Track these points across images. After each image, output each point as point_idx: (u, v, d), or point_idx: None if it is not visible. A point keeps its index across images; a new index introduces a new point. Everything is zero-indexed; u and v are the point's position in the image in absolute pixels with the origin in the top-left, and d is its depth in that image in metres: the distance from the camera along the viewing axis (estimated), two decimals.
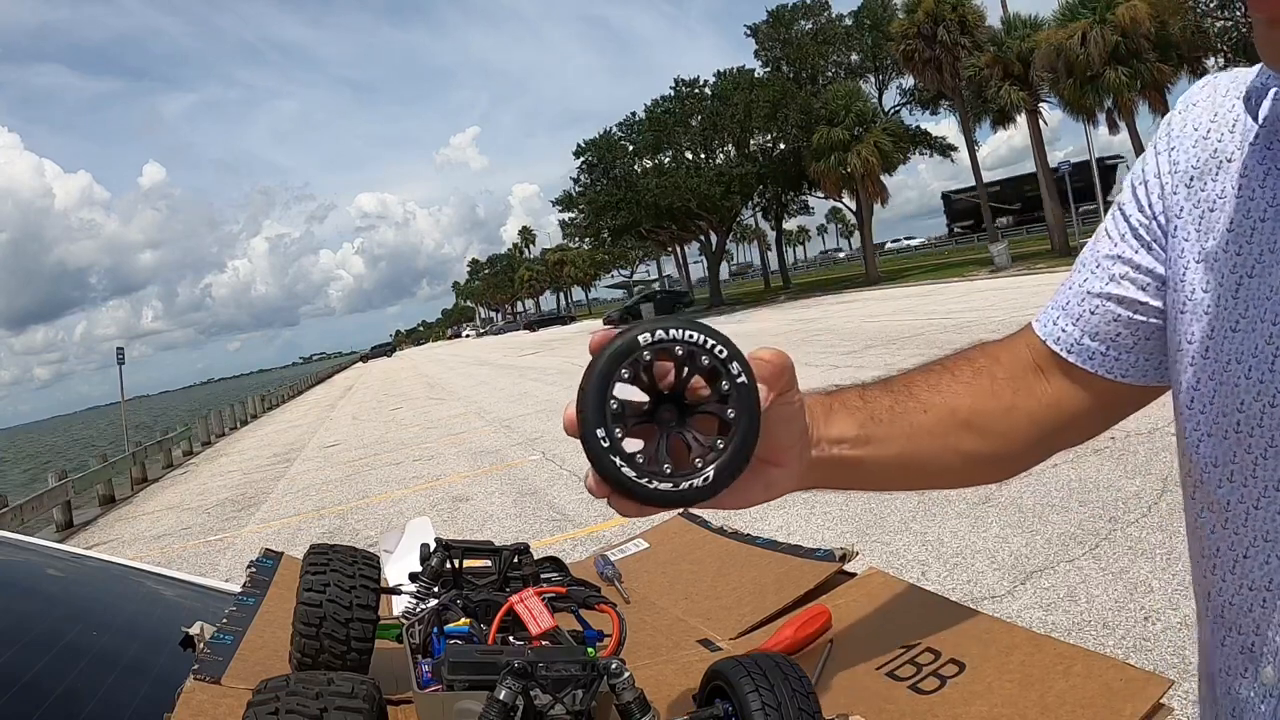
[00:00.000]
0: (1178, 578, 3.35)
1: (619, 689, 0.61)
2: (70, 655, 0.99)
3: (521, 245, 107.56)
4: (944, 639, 0.72)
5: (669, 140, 35.97)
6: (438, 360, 46.36)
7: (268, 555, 1.06)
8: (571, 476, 7.52)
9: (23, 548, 1.43)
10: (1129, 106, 23.83)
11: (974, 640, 0.71)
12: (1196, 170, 0.59)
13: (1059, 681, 0.62)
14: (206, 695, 0.68)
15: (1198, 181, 0.59)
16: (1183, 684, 2.63)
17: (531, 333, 61.76)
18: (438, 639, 0.75)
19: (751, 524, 1.23)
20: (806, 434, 0.60)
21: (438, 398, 20.02)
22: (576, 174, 38.43)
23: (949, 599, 0.82)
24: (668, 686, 0.75)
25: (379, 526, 7.13)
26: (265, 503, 9.91)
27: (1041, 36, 24.59)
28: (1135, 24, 21.68)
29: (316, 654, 0.70)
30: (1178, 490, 0.87)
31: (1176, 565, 3.46)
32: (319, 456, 13.40)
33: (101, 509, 13.06)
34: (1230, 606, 0.56)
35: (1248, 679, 0.54)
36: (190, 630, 0.94)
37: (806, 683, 0.62)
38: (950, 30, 27.12)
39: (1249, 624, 0.54)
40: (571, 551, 5.08)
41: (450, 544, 0.89)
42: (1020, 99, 26.59)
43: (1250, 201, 0.55)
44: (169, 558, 7.70)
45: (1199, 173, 0.59)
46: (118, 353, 18.64)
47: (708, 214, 36.60)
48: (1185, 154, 0.60)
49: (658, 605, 0.99)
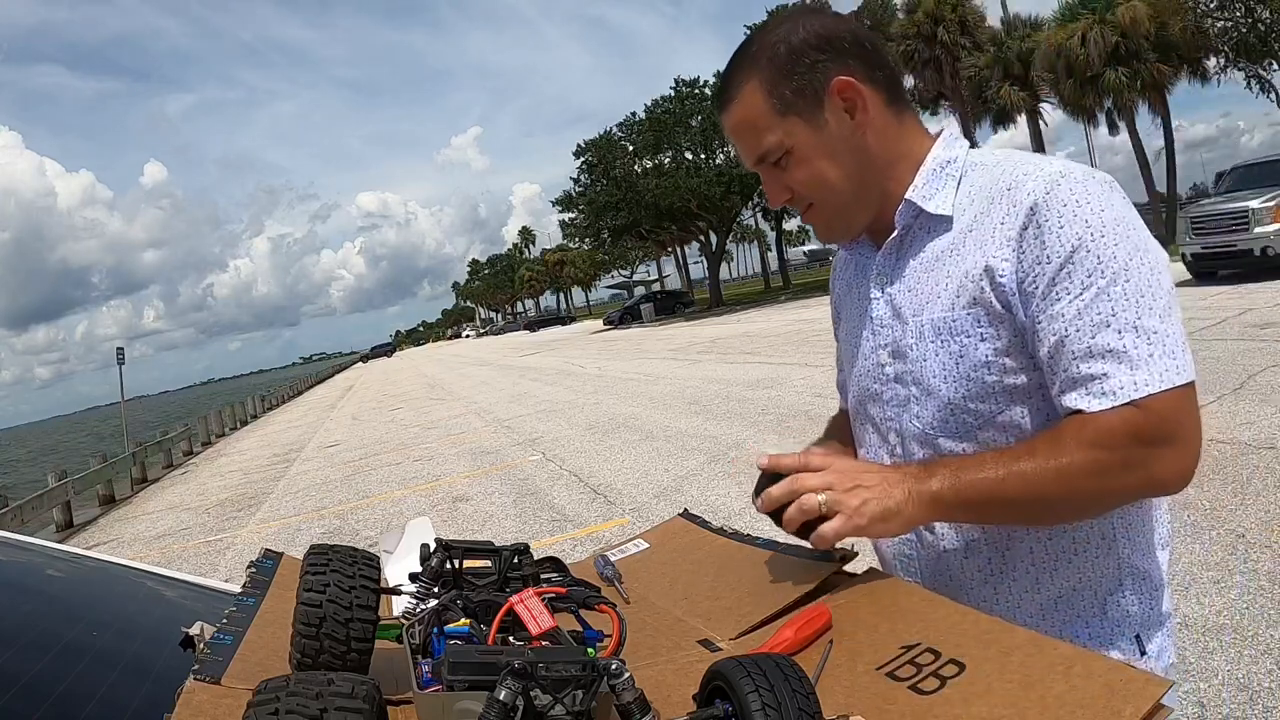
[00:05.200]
0: (1178, 578, 3.36)
1: (619, 689, 0.61)
2: (70, 655, 0.99)
3: (521, 245, 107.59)
4: (944, 639, 0.72)
5: (669, 140, 35.98)
6: (438, 360, 46.39)
7: (268, 555, 1.06)
8: (572, 477, 7.52)
9: (23, 548, 1.43)
10: (1129, 107, 23.86)
11: (974, 640, 0.71)
12: (836, 283, 1.21)
13: (1059, 682, 0.62)
14: (206, 695, 0.68)
15: (837, 289, 1.21)
16: (1183, 684, 2.64)
17: (531, 333, 61.74)
18: (438, 639, 0.75)
19: (751, 524, 1.23)
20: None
21: (438, 398, 20.03)
22: (576, 174, 38.46)
23: (949, 599, 0.82)
24: (668, 686, 0.75)
25: (379, 527, 7.13)
26: (265, 503, 9.91)
27: (1041, 37, 24.62)
28: (1135, 24, 21.70)
29: (316, 654, 0.70)
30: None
31: (1177, 565, 3.46)
32: (319, 457, 13.41)
33: (101, 509, 13.06)
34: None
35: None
36: (190, 630, 0.94)
37: (806, 683, 0.62)
38: (950, 31, 27.14)
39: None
40: (571, 551, 5.08)
41: (450, 544, 0.89)
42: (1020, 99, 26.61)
43: (844, 287, 1.17)
44: (169, 558, 7.70)
45: (837, 283, 1.21)
46: (118, 353, 18.64)
47: (708, 214, 36.62)
48: (836, 273, 1.22)
49: (658, 605, 0.99)
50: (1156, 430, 0.85)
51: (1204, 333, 8.51)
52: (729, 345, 17.89)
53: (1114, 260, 0.86)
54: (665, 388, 12.70)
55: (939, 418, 0.99)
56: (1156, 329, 0.85)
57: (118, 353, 18.66)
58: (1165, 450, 0.86)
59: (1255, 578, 3.26)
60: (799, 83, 0.97)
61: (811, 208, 1.03)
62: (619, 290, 67.82)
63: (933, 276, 0.98)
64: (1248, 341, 7.76)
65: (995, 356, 0.94)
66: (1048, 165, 0.93)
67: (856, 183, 1.00)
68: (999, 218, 0.93)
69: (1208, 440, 5.61)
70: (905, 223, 1.01)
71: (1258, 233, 11.59)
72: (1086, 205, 0.88)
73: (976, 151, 1.02)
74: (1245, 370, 6.60)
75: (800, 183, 1.00)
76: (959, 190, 0.99)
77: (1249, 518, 3.81)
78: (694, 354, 17.53)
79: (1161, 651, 1.00)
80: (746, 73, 0.99)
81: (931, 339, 0.98)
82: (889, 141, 1.01)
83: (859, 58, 0.98)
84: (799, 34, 0.98)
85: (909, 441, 1.02)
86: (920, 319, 0.99)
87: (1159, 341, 0.85)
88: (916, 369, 1.00)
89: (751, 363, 13.52)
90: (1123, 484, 0.88)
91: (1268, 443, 4.78)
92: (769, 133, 0.98)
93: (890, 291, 1.03)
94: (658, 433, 8.92)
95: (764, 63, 0.98)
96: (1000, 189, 0.94)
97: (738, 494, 5.52)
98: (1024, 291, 0.91)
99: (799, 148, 0.98)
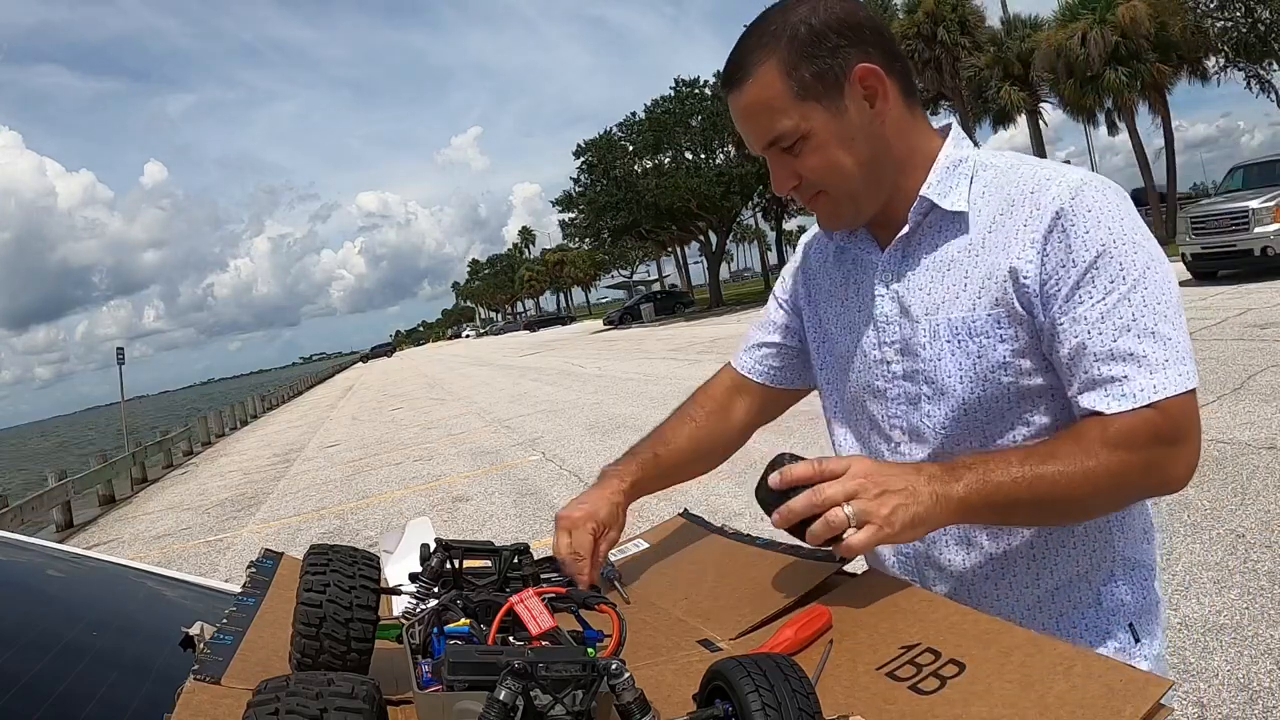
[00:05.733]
0: (1178, 578, 3.36)
1: (619, 689, 0.61)
2: (70, 655, 0.99)
3: (521, 245, 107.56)
4: (944, 639, 0.72)
5: (669, 140, 35.96)
6: (438, 361, 46.38)
7: (268, 555, 1.06)
8: (571, 477, 7.52)
9: (23, 548, 1.43)
10: (1129, 107, 23.84)
11: (974, 640, 0.71)
12: (811, 270, 1.19)
13: (1059, 682, 0.62)
14: (206, 695, 0.68)
15: (811, 276, 1.19)
16: (1183, 684, 2.63)
17: (531, 333, 61.71)
18: (438, 639, 0.75)
19: (752, 524, 1.23)
20: (618, 510, 1.12)
21: (437, 398, 20.03)
22: (576, 174, 38.45)
23: (949, 599, 0.82)
24: (668, 687, 0.75)
25: (379, 527, 7.13)
26: (265, 503, 9.91)
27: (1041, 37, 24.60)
28: (1135, 24, 21.67)
29: (316, 654, 0.70)
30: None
31: (1177, 565, 3.46)
32: (319, 457, 13.41)
33: (101, 509, 13.06)
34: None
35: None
36: (190, 630, 0.94)
37: (806, 683, 0.62)
38: (950, 30, 27.12)
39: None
40: None
41: (450, 544, 0.89)
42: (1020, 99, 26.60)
43: (828, 279, 1.15)
44: (169, 558, 7.70)
45: (812, 271, 1.19)
46: (118, 353, 18.63)
47: (708, 214, 36.60)
48: (810, 260, 1.20)
49: (658, 605, 0.99)
50: (1173, 431, 0.88)
51: (1204, 333, 8.51)
52: (729, 345, 17.84)
53: (1134, 267, 0.88)
54: (665, 388, 12.69)
55: (952, 417, 0.99)
56: (1171, 336, 0.88)
57: (118, 353, 18.66)
58: (1179, 450, 0.89)
59: (1255, 578, 3.26)
60: (820, 66, 0.94)
61: (820, 195, 1.01)
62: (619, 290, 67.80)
63: (950, 276, 0.98)
64: (1248, 341, 7.76)
65: (1013, 358, 0.94)
66: (1070, 172, 0.95)
67: (870, 172, 0.98)
68: (1022, 220, 0.93)
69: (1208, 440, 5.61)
70: (916, 219, 1.00)
71: (1258, 233, 11.59)
72: (1109, 213, 0.90)
73: (982, 152, 1.02)
74: (1245, 370, 6.60)
75: (813, 169, 0.98)
76: (971, 189, 0.99)
77: (1249, 518, 3.81)
78: (694, 354, 17.52)
79: (1154, 639, 1.03)
80: (764, 52, 0.95)
81: (948, 338, 0.97)
82: (903, 134, 1.00)
83: (879, 46, 0.97)
84: (820, 16, 0.94)
85: (915, 439, 1.02)
86: (935, 318, 0.98)
87: (1173, 348, 0.88)
88: (930, 368, 0.99)
89: None
90: (1141, 483, 0.90)
91: (1268, 443, 4.78)
92: (784, 116, 0.95)
93: (897, 288, 1.02)
94: None
95: (784, 43, 0.94)
96: (1023, 192, 0.94)
97: (738, 494, 5.52)
98: (1045, 294, 0.91)
99: (816, 133, 0.95)
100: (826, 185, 0.99)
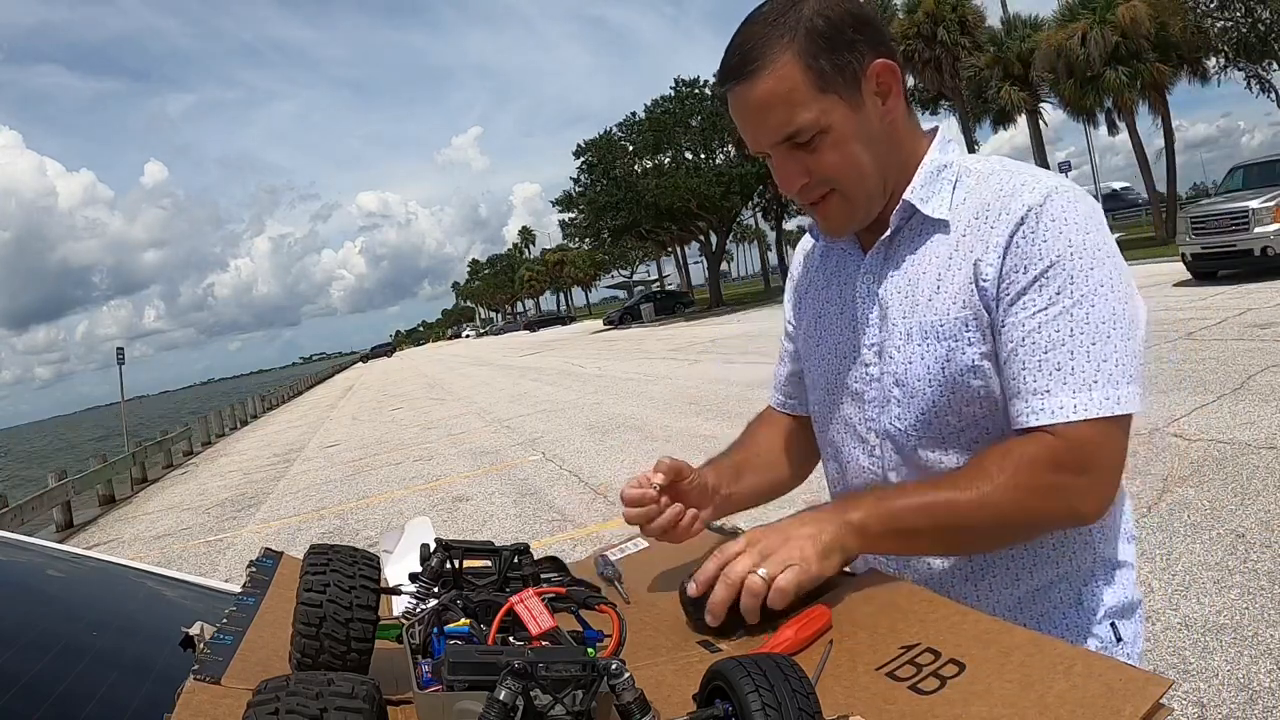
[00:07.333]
0: (1178, 578, 3.36)
1: (619, 689, 0.61)
2: (70, 655, 0.99)
3: (522, 245, 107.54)
4: (944, 639, 0.72)
5: (669, 140, 35.96)
6: (438, 361, 46.38)
7: (268, 555, 1.06)
8: (571, 477, 7.52)
9: (23, 548, 1.43)
10: (1129, 107, 23.83)
11: (974, 640, 0.71)
12: (800, 279, 1.21)
13: (1059, 682, 0.62)
14: (206, 695, 0.68)
15: (800, 285, 1.20)
16: (1183, 684, 2.63)
17: (531, 333, 61.70)
18: (438, 639, 0.75)
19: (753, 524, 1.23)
20: (708, 490, 1.09)
21: (437, 398, 20.03)
22: (576, 174, 38.44)
23: (949, 599, 0.82)
24: (668, 686, 0.75)
25: (379, 526, 7.13)
26: (265, 503, 9.91)
27: (1041, 37, 24.60)
28: (1135, 24, 21.67)
29: (316, 654, 0.70)
30: (1178, 490, 0.93)
31: (1177, 565, 3.46)
32: (319, 457, 13.40)
33: (101, 509, 13.06)
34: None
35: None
36: (190, 630, 0.94)
37: (806, 683, 0.62)
38: (950, 30, 27.11)
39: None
40: (571, 551, 5.08)
41: (450, 544, 0.89)
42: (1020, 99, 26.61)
43: (814, 283, 1.16)
44: (169, 558, 7.70)
45: (801, 279, 1.20)
46: (118, 353, 18.63)
47: (708, 214, 36.59)
48: (799, 269, 1.21)
49: (658, 605, 0.99)
50: (1076, 459, 0.86)
51: (1204, 333, 8.51)
52: (729, 345, 17.89)
53: (1086, 282, 0.87)
54: (665, 388, 12.70)
55: (921, 420, 0.98)
56: (1108, 358, 0.86)
57: (118, 353, 18.65)
58: (1084, 480, 0.87)
59: (1255, 578, 3.26)
60: (838, 60, 0.92)
61: (830, 195, 0.97)
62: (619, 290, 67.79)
63: (926, 279, 0.97)
64: (1247, 341, 7.76)
65: (980, 360, 0.94)
66: (1045, 178, 0.94)
67: (882, 171, 0.97)
68: (991, 223, 0.93)
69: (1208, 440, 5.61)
70: (898, 223, 1.00)
71: (1258, 233, 11.58)
72: (1073, 224, 0.89)
73: (967, 158, 1.02)
74: (1245, 370, 6.60)
75: (831, 166, 0.94)
76: (954, 195, 0.98)
77: (1249, 518, 3.81)
78: (694, 354, 17.52)
79: (1135, 638, 1.02)
80: (781, 43, 0.91)
81: (919, 341, 0.97)
82: (905, 134, 1.00)
83: (887, 45, 0.96)
84: (834, 10, 0.92)
85: (889, 443, 1.02)
86: (910, 321, 0.98)
87: (1106, 371, 0.86)
88: (901, 370, 0.99)
89: (751, 363, 13.51)
90: (1043, 511, 0.88)
91: (1268, 443, 4.78)
92: (804, 109, 0.91)
93: (879, 291, 1.02)
94: (658, 433, 8.92)
95: (802, 33, 0.91)
96: (998, 196, 0.94)
97: None
98: (999, 294, 0.92)
99: (835, 128, 0.92)
100: (841, 183, 0.96)
